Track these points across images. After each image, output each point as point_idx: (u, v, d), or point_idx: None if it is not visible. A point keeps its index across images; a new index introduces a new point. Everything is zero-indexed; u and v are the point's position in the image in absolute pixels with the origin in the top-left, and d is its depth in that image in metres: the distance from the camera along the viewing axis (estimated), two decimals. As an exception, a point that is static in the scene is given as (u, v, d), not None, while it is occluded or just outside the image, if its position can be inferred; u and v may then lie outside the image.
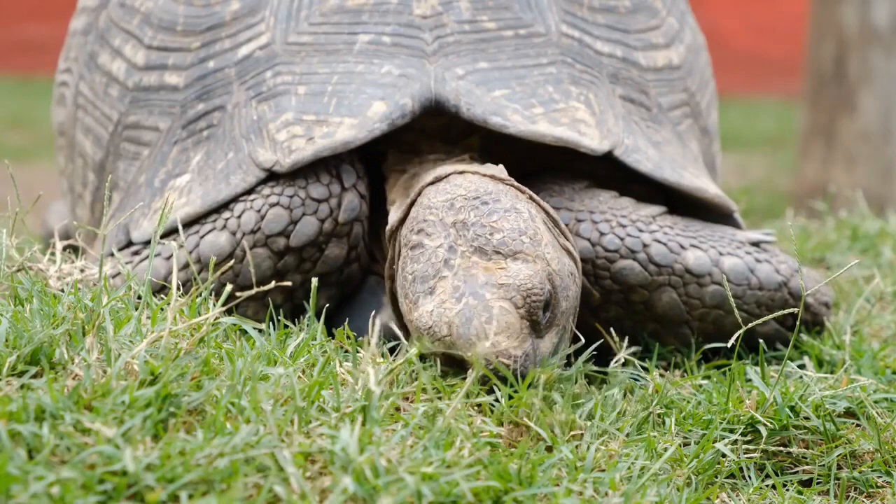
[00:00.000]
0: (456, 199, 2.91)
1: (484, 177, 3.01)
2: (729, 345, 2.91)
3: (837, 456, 2.77)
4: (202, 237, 3.16)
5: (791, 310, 2.96)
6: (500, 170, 3.09)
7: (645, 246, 3.21)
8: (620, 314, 3.23)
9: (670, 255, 3.21)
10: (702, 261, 3.22)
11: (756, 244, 3.31)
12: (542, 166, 3.37)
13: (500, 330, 2.72)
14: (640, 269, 3.20)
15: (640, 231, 3.22)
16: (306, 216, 3.15)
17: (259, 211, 3.15)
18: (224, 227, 3.16)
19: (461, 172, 3.03)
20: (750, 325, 2.90)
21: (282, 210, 3.15)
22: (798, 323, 3.03)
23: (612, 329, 3.12)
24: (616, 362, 3.00)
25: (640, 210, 3.28)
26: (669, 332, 3.26)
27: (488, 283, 2.77)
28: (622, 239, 3.20)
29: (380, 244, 3.37)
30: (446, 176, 3.03)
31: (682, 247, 3.23)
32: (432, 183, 3.02)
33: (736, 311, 2.88)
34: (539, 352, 2.79)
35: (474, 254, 2.83)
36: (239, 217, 3.16)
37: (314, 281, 2.85)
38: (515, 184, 3.03)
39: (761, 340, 3.07)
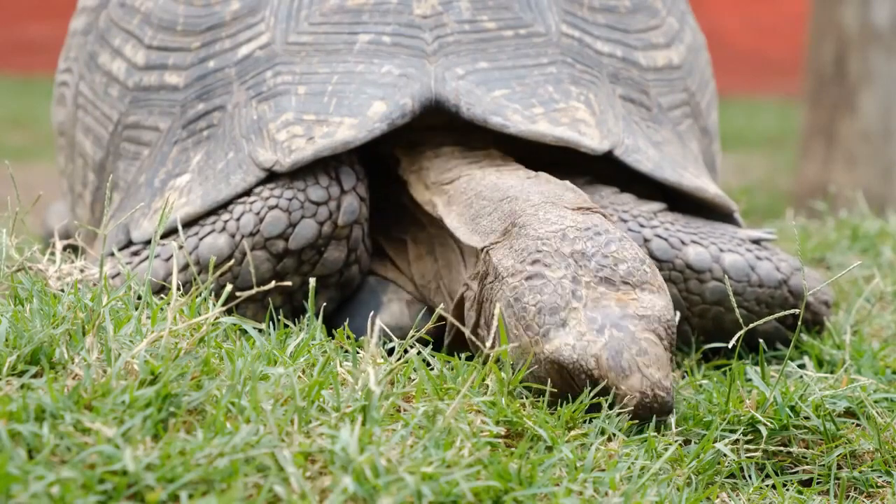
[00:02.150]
0: (567, 230, 2.86)
1: (579, 210, 2.98)
2: (730, 346, 2.91)
3: (837, 456, 2.77)
4: (201, 239, 3.16)
5: (792, 311, 2.96)
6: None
7: (646, 241, 3.21)
8: None
9: (671, 251, 3.22)
10: (702, 256, 3.22)
11: (757, 242, 3.32)
12: (541, 164, 3.38)
13: (651, 362, 2.70)
14: None
15: (641, 226, 3.22)
16: (305, 219, 3.15)
17: (258, 213, 3.14)
18: (223, 229, 3.16)
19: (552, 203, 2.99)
20: (751, 325, 2.90)
21: (280, 213, 3.14)
22: (799, 322, 3.03)
23: None
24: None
25: (642, 206, 3.28)
26: None
27: (627, 315, 2.74)
28: None
29: (388, 239, 3.36)
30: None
31: (683, 242, 3.23)
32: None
33: (736, 308, 2.88)
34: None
35: (600, 284, 2.79)
36: (238, 219, 3.15)
37: (312, 281, 2.85)
38: (600, 210, 3.02)
39: (761, 340, 3.07)
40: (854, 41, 8.23)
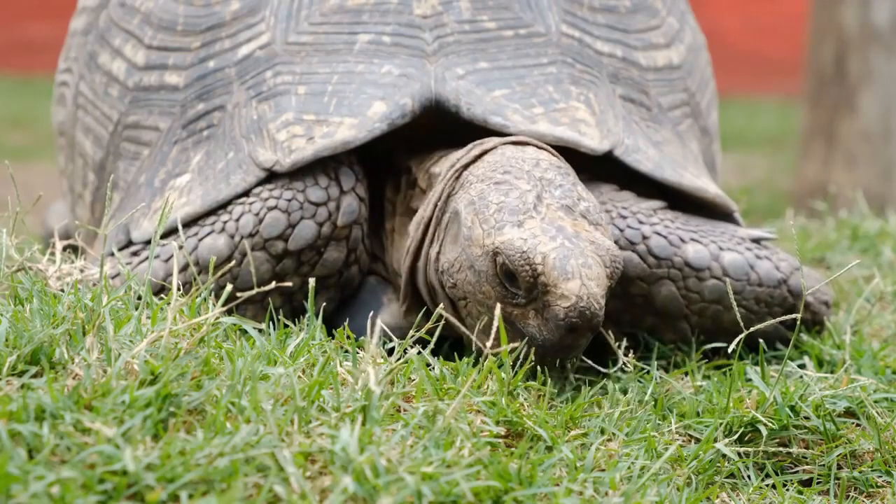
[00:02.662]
0: (541, 160, 3.04)
1: (553, 156, 3.14)
2: (731, 349, 2.91)
3: (837, 456, 2.77)
4: (201, 240, 3.16)
5: (793, 315, 2.97)
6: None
7: (645, 238, 3.21)
8: (619, 307, 3.23)
9: (670, 248, 3.22)
10: (702, 254, 3.22)
11: (757, 241, 3.32)
12: None
13: (593, 277, 2.84)
14: (638, 261, 3.20)
15: (641, 223, 3.23)
16: (304, 220, 3.15)
17: (257, 214, 3.14)
18: (223, 229, 3.16)
19: (535, 145, 3.15)
20: (751, 329, 2.90)
21: (280, 214, 3.14)
22: (798, 322, 3.03)
23: (609, 331, 3.12)
24: (616, 368, 3.01)
25: (641, 203, 3.28)
26: (668, 326, 3.26)
27: (580, 236, 2.89)
28: (622, 230, 3.20)
29: (381, 243, 3.37)
30: (523, 143, 3.15)
31: (683, 240, 3.23)
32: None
33: (735, 307, 2.88)
34: None
35: (560, 209, 2.94)
36: (237, 220, 3.15)
37: (311, 281, 2.85)
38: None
39: (761, 340, 3.07)
40: (854, 41, 8.23)
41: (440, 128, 3.31)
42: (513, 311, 2.90)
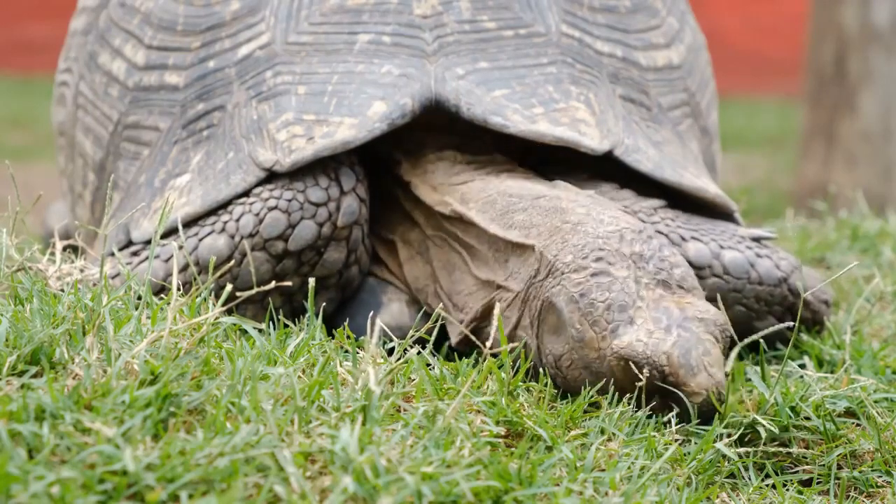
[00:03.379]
0: (624, 232, 2.94)
1: (626, 212, 3.08)
2: (730, 355, 2.91)
3: (837, 456, 2.77)
4: (200, 240, 3.16)
5: (787, 324, 2.98)
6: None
7: None
8: None
9: (671, 246, 3.21)
10: (702, 252, 3.22)
11: (757, 240, 3.32)
12: (540, 159, 3.38)
13: (713, 362, 2.78)
14: None
15: (642, 221, 3.22)
16: (304, 220, 3.15)
17: (257, 214, 3.14)
18: (223, 230, 3.16)
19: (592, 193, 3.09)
20: (753, 337, 2.89)
21: (280, 214, 3.14)
22: (797, 320, 3.03)
23: None
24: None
25: (642, 202, 3.28)
26: None
27: (688, 317, 2.82)
28: None
29: (382, 242, 3.36)
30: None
31: (683, 238, 3.23)
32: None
33: (737, 304, 2.89)
34: None
35: (658, 287, 2.87)
36: (237, 220, 3.15)
37: (311, 281, 2.84)
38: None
39: (761, 340, 3.06)
40: (854, 41, 8.23)
41: (438, 124, 3.31)
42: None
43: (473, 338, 3.05)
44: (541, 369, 2.94)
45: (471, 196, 3.18)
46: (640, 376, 2.75)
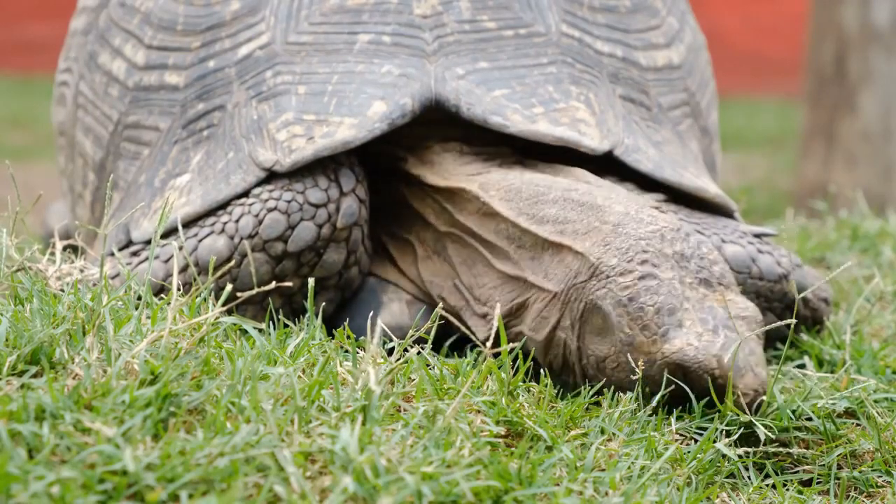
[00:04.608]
0: (664, 231, 2.94)
1: (661, 210, 3.08)
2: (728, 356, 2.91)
3: (837, 456, 2.77)
4: (200, 240, 3.16)
5: (787, 321, 2.98)
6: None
7: None
8: None
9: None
10: None
11: (758, 236, 3.32)
12: (539, 160, 3.37)
13: (758, 361, 2.82)
14: None
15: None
16: (304, 221, 3.14)
17: (257, 216, 3.14)
18: (222, 230, 3.16)
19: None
20: (753, 332, 2.89)
21: (279, 215, 3.14)
22: (794, 316, 3.03)
23: None
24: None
25: (643, 196, 3.28)
26: None
27: (732, 317, 2.85)
28: None
29: (396, 241, 3.35)
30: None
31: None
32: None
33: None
34: None
35: (700, 285, 2.89)
36: (237, 221, 3.15)
37: (311, 281, 2.84)
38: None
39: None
40: (854, 41, 8.23)
41: (438, 122, 3.31)
42: None
43: (503, 333, 3.04)
44: (570, 369, 2.96)
45: (490, 184, 3.16)
46: (690, 380, 2.78)
